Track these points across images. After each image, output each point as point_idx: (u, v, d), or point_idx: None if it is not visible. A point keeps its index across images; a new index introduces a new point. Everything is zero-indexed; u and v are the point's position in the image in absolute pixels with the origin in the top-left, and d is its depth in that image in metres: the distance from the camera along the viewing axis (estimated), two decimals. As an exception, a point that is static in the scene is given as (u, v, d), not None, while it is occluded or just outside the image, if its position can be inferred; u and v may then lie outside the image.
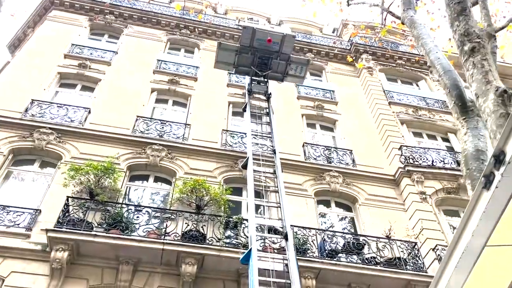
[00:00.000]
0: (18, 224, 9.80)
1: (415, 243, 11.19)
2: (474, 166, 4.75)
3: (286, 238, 8.59)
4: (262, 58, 12.33)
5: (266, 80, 12.75)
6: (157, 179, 12.35)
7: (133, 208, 10.53)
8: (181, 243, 9.63)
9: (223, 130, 13.90)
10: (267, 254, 8.41)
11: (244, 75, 13.52)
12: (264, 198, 10.02)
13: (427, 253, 11.09)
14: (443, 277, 2.80)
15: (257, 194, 9.89)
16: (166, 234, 9.86)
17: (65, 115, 12.91)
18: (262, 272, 7.68)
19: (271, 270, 7.79)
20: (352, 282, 10.13)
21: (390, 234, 11.14)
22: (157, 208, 10.99)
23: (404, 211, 12.65)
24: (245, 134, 12.67)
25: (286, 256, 8.25)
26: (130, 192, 11.85)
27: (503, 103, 4.26)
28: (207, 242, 9.88)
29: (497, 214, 2.30)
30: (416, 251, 11.00)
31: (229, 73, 15.79)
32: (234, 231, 10.54)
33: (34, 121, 12.32)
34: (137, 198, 11.73)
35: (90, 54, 15.88)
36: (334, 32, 23.74)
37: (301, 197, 12.30)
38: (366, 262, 10.50)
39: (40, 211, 10.17)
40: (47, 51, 15.32)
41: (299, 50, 19.00)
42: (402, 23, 8.34)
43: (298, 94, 16.61)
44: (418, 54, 18.62)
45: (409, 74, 19.37)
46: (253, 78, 12.71)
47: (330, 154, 14.11)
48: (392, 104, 16.71)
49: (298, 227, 10.68)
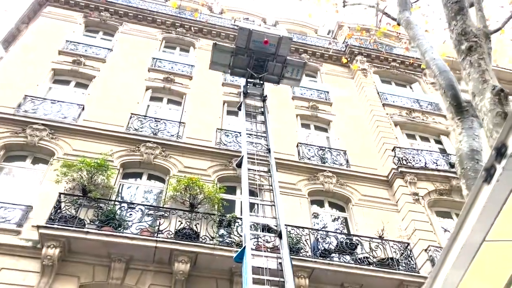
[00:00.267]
0: (9, 220, 9.70)
1: (408, 244, 11.25)
2: (469, 165, 4.76)
3: (280, 236, 8.60)
4: (258, 60, 12.25)
5: (262, 82, 12.66)
6: (150, 177, 12.29)
7: (126, 205, 10.46)
8: (174, 241, 9.59)
9: (218, 129, 13.87)
10: (261, 252, 8.39)
11: (239, 77, 13.40)
12: (258, 197, 10.01)
13: (420, 253, 11.16)
14: (441, 272, 2.78)
15: (251, 192, 9.88)
16: (159, 232, 9.79)
17: (58, 112, 12.80)
18: (256, 270, 7.68)
19: (265, 268, 7.78)
20: (344, 282, 10.17)
21: (383, 234, 11.20)
22: (150, 205, 10.94)
23: (397, 212, 12.70)
24: (239, 133, 12.63)
25: (280, 254, 8.25)
26: (123, 189, 11.77)
27: (500, 102, 4.28)
28: (201, 240, 9.84)
29: (497, 208, 2.27)
30: (408, 252, 11.05)
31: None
32: (228, 230, 10.50)
33: (27, 117, 12.20)
34: (130, 195, 11.65)
35: (85, 51, 15.77)
36: (329, 33, 23.81)
37: (294, 196, 12.30)
38: (359, 262, 10.53)
39: (31, 208, 10.07)
40: (41, 47, 15.19)
41: (295, 51, 19.00)
42: (398, 24, 8.34)
43: (293, 94, 16.62)
44: (412, 57, 18.77)
45: (403, 76, 19.48)
46: (248, 80, 12.63)
47: (324, 154, 14.13)
48: (386, 105, 16.80)
49: (292, 227, 10.68)
